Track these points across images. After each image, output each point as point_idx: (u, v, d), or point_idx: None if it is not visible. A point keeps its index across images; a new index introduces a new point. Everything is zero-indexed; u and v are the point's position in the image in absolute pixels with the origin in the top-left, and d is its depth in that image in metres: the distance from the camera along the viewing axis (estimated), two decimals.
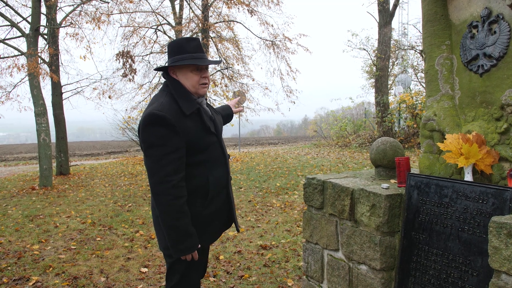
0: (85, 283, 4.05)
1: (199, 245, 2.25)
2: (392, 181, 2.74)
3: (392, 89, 21.43)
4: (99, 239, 5.55)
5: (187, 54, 2.24)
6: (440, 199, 2.19)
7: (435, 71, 2.55)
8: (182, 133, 2.15)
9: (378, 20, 17.67)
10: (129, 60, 11.05)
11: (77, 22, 10.79)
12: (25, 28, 10.94)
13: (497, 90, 2.21)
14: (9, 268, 4.51)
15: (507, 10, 2.17)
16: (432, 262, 2.20)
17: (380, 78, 18.04)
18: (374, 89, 19.04)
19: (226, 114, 2.90)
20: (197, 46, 2.28)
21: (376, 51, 18.44)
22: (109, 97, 13.00)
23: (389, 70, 20.99)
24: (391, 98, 18.58)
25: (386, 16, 17.14)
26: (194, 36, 3.20)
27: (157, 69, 2.42)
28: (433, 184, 2.24)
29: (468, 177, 2.16)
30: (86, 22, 10.42)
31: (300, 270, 4.23)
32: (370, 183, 2.67)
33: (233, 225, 2.62)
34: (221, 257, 4.68)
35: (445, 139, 2.30)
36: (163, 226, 2.16)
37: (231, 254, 4.79)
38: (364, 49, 23.67)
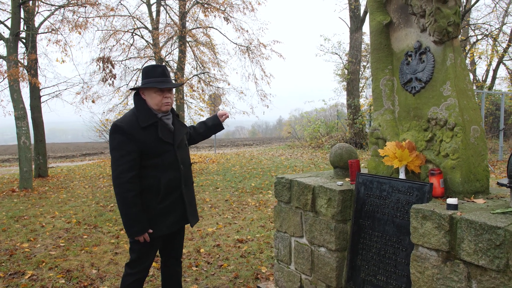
0: (78, 275, 4.46)
1: (152, 231, 2.75)
2: (347, 179, 3.31)
3: (363, 92, 22.30)
4: (85, 236, 5.93)
5: (152, 78, 2.80)
6: (380, 192, 2.77)
7: (380, 90, 3.14)
8: (137, 141, 2.70)
9: (349, 26, 18.45)
10: (109, 66, 11.33)
11: (59, 29, 10.98)
12: (4, 32, 11.07)
13: (425, 107, 2.82)
14: (3, 264, 4.84)
15: (432, 45, 2.78)
16: (374, 242, 2.78)
17: (352, 81, 18.81)
18: (346, 92, 19.85)
19: (214, 124, 3.41)
20: (162, 72, 2.84)
21: (348, 55, 19.23)
22: (93, 101, 13.19)
23: (360, 73, 21.85)
24: (362, 101, 19.39)
25: (357, 22, 17.94)
26: (160, 64, 3.80)
27: (132, 89, 2.98)
28: (375, 181, 2.83)
29: (402, 175, 2.75)
30: (70, 30, 10.61)
31: (273, 259, 4.77)
32: (328, 181, 3.23)
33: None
34: (202, 250, 5.18)
35: (385, 145, 2.89)
36: (120, 213, 2.74)
37: (210, 247, 5.29)
38: (336, 54, 24.57)
